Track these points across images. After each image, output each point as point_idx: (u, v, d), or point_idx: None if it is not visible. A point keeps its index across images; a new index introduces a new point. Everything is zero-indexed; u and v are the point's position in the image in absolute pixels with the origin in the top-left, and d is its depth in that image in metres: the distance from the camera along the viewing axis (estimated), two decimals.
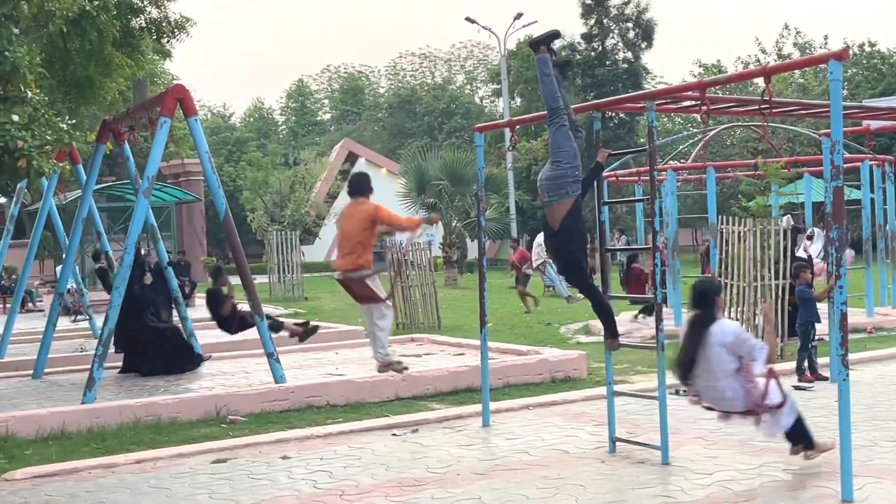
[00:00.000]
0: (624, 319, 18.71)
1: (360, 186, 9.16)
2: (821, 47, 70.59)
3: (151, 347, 13.45)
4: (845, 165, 16.03)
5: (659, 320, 7.70)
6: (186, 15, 14.31)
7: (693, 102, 7.71)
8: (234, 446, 8.76)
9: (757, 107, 7.37)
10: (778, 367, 12.08)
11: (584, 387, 11.66)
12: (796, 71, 62.75)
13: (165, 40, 13.96)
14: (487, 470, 7.65)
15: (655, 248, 7.57)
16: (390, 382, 11.47)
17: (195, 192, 36.80)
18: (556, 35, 7.71)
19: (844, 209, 6.42)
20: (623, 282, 19.16)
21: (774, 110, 7.10)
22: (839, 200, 6.36)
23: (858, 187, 17.90)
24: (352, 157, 59.75)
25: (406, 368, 9.59)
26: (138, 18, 13.95)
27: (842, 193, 6.37)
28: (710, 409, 7.50)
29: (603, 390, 10.78)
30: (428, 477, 7.49)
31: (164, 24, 13.71)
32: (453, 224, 32.82)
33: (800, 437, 7.29)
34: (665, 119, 70.36)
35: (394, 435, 9.09)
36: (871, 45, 60.81)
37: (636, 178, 20.16)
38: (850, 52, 62.31)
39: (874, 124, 10.12)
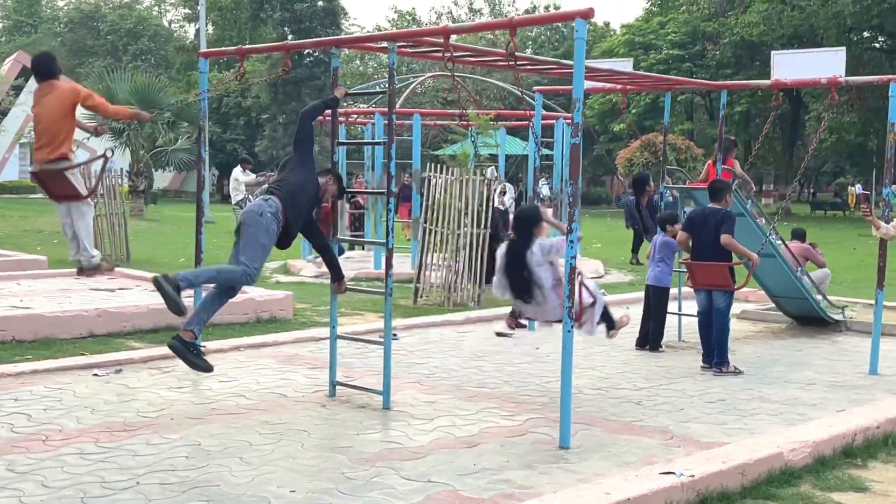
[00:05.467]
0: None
1: (49, 68, 8.25)
2: (509, 6, 73.58)
3: None
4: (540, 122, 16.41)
5: (389, 266, 7.61)
6: None
7: (434, 48, 7.61)
8: None
9: (498, 58, 7.42)
10: (475, 313, 12.59)
11: (290, 328, 11.47)
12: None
13: None
14: (203, 414, 7.30)
15: (391, 193, 7.45)
16: (84, 318, 10.75)
17: None
18: None
19: (580, 166, 6.58)
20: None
21: (519, 65, 7.14)
22: (576, 157, 6.52)
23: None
24: (26, 72, 55.43)
25: (114, 267, 8.92)
26: None
27: (579, 150, 6.52)
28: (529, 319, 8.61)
29: (314, 332, 10.75)
30: (139, 421, 7.04)
31: None
32: (141, 152, 31.31)
33: (606, 320, 8.17)
34: (357, 63, 70.71)
35: (95, 375, 8.49)
36: (556, 7, 64.03)
37: (343, 119, 20.01)
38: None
39: (587, 84, 10.50)
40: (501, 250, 8.05)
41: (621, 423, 7.34)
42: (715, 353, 9.31)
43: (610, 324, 8.22)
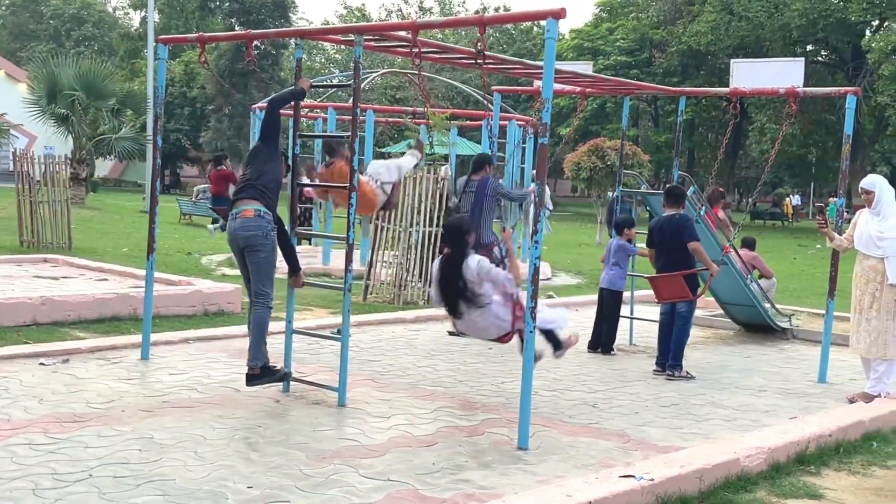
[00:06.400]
0: None
1: None
2: (459, 6, 73.65)
3: None
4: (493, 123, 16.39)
5: (349, 261, 7.53)
6: None
7: (401, 43, 7.54)
8: None
9: (464, 56, 7.36)
10: (426, 311, 12.51)
11: (239, 321, 11.26)
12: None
13: None
14: (155, 407, 7.15)
15: (353, 188, 7.36)
16: (27, 305, 10.49)
17: None
18: None
19: (546, 165, 6.56)
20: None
21: (487, 64, 7.09)
22: (543, 157, 6.49)
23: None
24: None
25: None
26: None
27: (546, 150, 6.50)
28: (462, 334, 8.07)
29: None
30: (89, 413, 6.87)
31: None
32: (84, 139, 30.73)
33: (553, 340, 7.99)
34: (305, 58, 70.33)
35: (42, 364, 8.28)
36: (506, 9, 64.19)
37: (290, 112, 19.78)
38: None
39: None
40: (436, 264, 7.68)
41: (578, 425, 7.34)
42: (671, 355, 9.35)
43: (557, 344, 7.99)
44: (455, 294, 7.35)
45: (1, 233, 20.72)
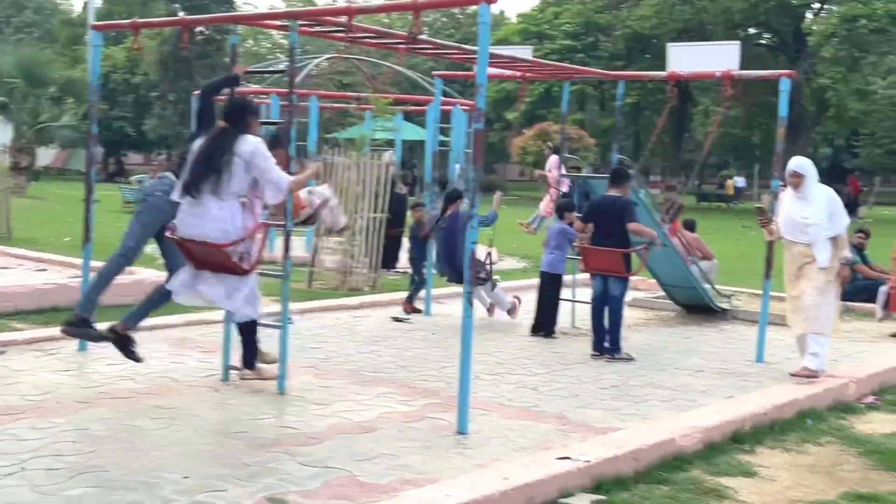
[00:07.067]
0: None
1: None
2: None
3: None
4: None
5: (287, 248, 7.50)
6: None
7: (337, 28, 7.50)
8: None
9: (399, 41, 7.34)
10: (371, 297, 12.51)
11: (180, 310, 11.12)
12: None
13: None
14: (91, 398, 7.08)
15: (293, 174, 7.32)
16: None
17: None
18: None
19: (483, 151, 6.57)
20: None
21: (420, 49, 7.08)
22: (479, 142, 6.50)
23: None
24: None
25: None
26: None
27: (482, 136, 6.51)
28: (181, 241, 6.72)
29: (205, 315, 10.49)
30: (24, 405, 6.79)
31: None
32: (24, 128, 30.26)
33: (249, 345, 7.18)
34: (250, 42, 69.62)
35: None
36: None
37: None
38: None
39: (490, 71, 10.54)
40: (200, 139, 6.71)
41: (518, 408, 7.38)
42: (608, 339, 9.42)
43: (249, 358, 7.31)
44: (212, 166, 6.40)
45: None
